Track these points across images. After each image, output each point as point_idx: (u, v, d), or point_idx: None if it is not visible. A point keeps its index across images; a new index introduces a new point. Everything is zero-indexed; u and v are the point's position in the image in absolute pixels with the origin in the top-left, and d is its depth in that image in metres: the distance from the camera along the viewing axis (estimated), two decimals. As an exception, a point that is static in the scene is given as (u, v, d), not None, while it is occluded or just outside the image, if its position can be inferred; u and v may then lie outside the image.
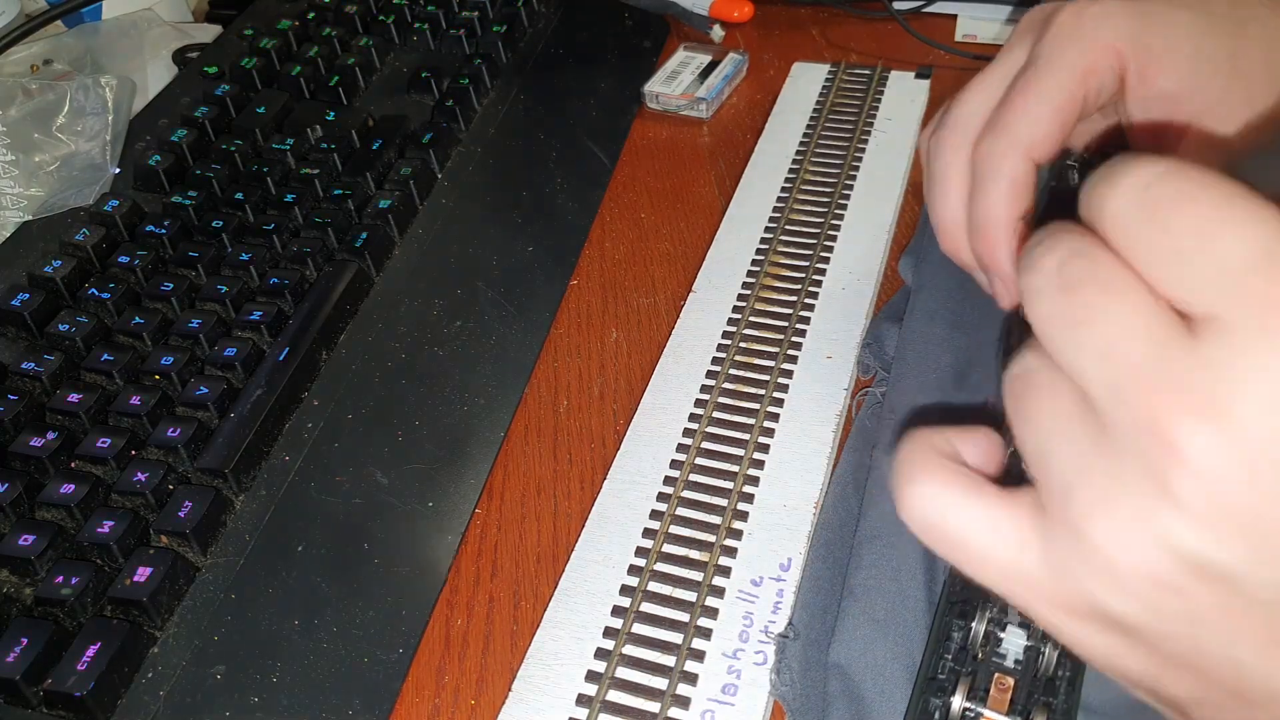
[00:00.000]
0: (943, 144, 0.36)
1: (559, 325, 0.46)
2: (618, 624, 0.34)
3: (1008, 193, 0.34)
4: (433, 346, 0.43)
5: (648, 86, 0.57)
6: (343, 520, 0.37)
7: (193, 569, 0.35)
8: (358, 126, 0.52)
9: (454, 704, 0.33)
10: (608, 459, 0.39)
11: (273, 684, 0.32)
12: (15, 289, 0.43)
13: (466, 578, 0.36)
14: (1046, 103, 0.34)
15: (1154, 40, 0.34)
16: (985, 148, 0.35)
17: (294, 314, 0.42)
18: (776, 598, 0.34)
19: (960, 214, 0.36)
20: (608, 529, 0.37)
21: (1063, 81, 0.34)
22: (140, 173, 0.50)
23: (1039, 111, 0.34)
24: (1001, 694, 0.28)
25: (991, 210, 0.34)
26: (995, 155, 0.34)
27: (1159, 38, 0.34)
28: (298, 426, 0.40)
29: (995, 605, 0.30)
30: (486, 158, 0.53)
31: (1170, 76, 0.34)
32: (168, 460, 0.37)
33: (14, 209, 0.48)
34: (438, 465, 0.39)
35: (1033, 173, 0.34)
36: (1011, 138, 0.34)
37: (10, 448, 0.37)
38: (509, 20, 0.60)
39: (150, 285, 0.43)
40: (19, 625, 0.32)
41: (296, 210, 0.47)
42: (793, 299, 0.44)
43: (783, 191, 0.50)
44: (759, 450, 0.38)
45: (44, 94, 0.51)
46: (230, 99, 0.54)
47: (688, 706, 0.32)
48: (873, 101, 0.55)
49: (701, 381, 0.41)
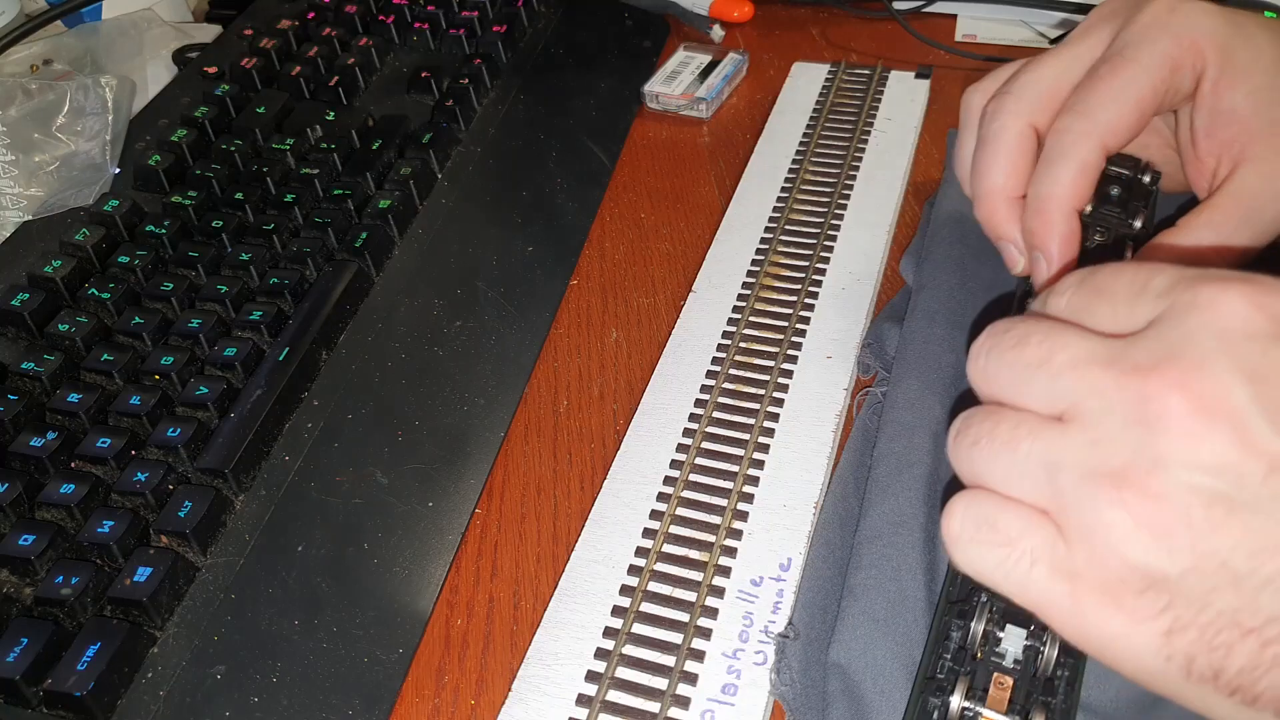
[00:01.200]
0: (1003, 109, 0.36)
1: (559, 325, 0.46)
2: (618, 624, 0.34)
3: (1077, 176, 0.34)
4: (433, 346, 0.43)
5: (648, 86, 0.58)
6: (343, 520, 0.37)
7: (193, 569, 0.35)
8: (358, 126, 0.52)
9: (454, 704, 0.33)
10: (608, 459, 0.39)
11: (273, 684, 0.32)
12: (15, 289, 0.43)
13: (466, 578, 0.36)
14: (1131, 93, 0.34)
15: (1240, 52, 0.34)
16: (1063, 125, 0.35)
17: (294, 314, 0.42)
18: (776, 598, 0.34)
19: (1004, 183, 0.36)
20: (608, 529, 0.37)
21: (1150, 72, 0.34)
22: (140, 173, 0.50)
23: (1123, 100, 0.34)
24: (1000, 693, 0.28)
25: (1056, 190, 0.34)
26: (1073, 135, 0.34)
27: (1245, 50, 0.34)
28: (298, 426, 0.40)
29: (994, 605, 0.30)
30: (486, 158, 0.53)
31: (1242, 91, 0.34)
32: (168, 460, 0.37)
33: (14, 209, 0.48)
34: (438, 465, 0.39)
35: (1103, 161, 0.35)
36: (1091, 122, 0.34)
37: (10, 448, 0.37)
38: (509, 20, 0.60)
39: (150, 285, 0.43)
40: (19, 625, 0.32)
41: (296, 210, 0.47)
42: (793, 299, 0.44)
43: (783, 191, 0.50)
44: (759, 450, 0.38)
45: (44, 94, 0.51)
46: (230, 99, 0.54)
47: (688, 706, 0.32)
48: (873, 101, 0.55)
49: (701, 381, 0.41)
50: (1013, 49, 0.60)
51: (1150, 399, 0.21)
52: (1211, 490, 0.20)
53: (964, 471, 0.24)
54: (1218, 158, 0.36)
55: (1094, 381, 0.22)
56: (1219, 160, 0.36)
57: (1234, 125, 0.35)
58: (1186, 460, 0.21)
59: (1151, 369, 0.21)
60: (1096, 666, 0.31)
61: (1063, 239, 0.35)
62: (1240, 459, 0.20)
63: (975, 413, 0.25)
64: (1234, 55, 0.34)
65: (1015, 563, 0.23)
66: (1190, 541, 0.21)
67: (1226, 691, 0.21)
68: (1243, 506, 0.20)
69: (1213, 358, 0.21)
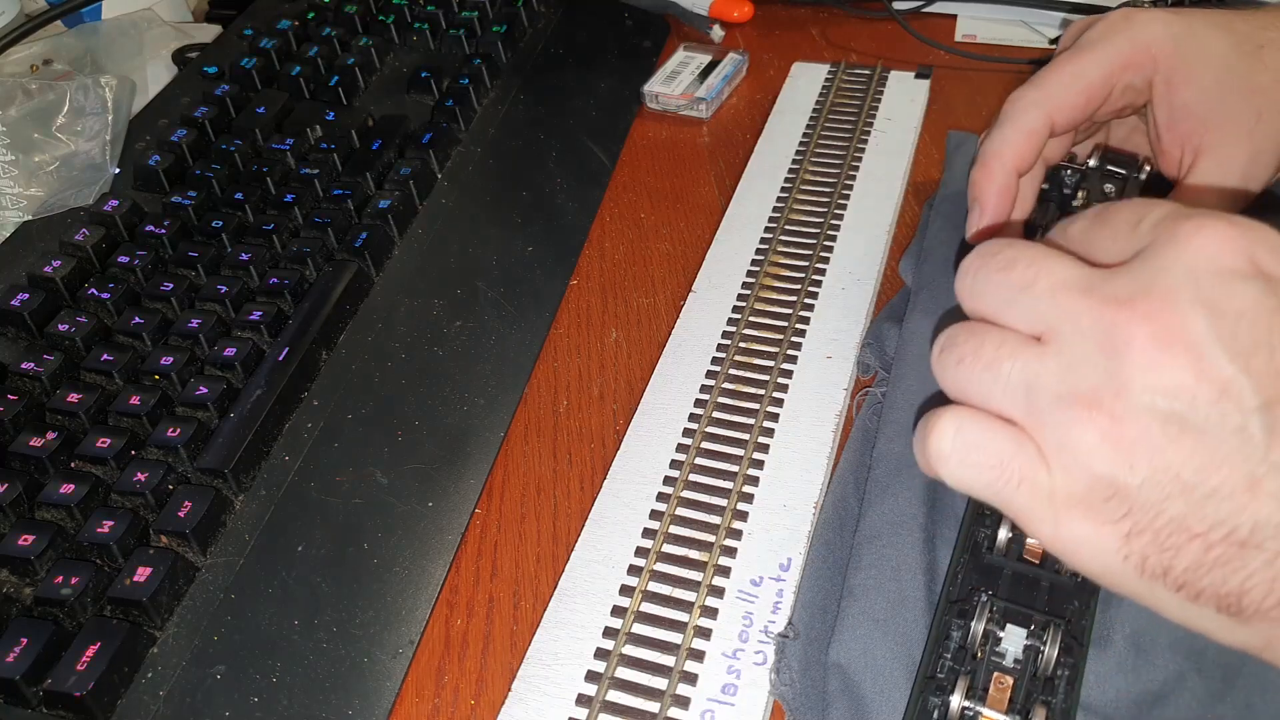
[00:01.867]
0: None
1: (559, 325, 0.46)
2: (618, 624, 0.34)
3: (1020, 138, 0.38)
4: (433, 346, 0.43)
5: (648, 86, 0.58)
6: (343, 520, 0.37)
7: (193, 569, 0.35)
8: (358, 126, 0.52)
9: (454, 704, 0.33)
10: (608, 459, 0.39)
11: (273, 684, 0.32)
12: (15, 289, 0.43)
13: (466, 578, 0.36)
14: (1082, 78, 0.38)
15: (1189, 53, 0.38)
16: (1016, 95, 0.39)
17: (294, 314, 0.42)
18: (776, 598, 0.34)
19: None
20: (608, 529, 0.37)
21: (1100, 64, 0.39)
22: (140, 173, 0.50)
23: (1073, 82, 0.38)
24: (1000, 693, 0.28)
25: (1000, 147, 0.39)
26: (1023, 103, 0.39)
27: (1194, 52, 0.38)
28: (298, 426, 0.40)
29: (995, 605, 0.30)
30: (486, 158, 0.53)
31: (1193, 90, 0.38)
32: (168, 460, 0.37)
33: (14, 209, 0.48)
34: (438, 465, 0.39)
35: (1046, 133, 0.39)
36: (1043, 94, 0.39)
37: (10, 448, 0.37)
38: (509, 20, 0.60)
39: (150, 285, 0.43)
40: (19, 625, 0.32)
41: (296, 210, 0.47)
42: (793, 299, 0.44)
43: (782, 191, 0.50)
44: (759, 450, 0.38)
45: (44, 94, 0.51)
46: (230, 99, 0.54)
47: (688, 706, 0.32)
48: (872, 101, 0.55)
49: (701, 381, 0.41)
50: (1013, 49, 0.60)
51: (1119, 328, 0.23)
52: (1168, 411, 0.23)
53: (947, 386, 0.26)
54: (1180, 148, 0.39)
55: (1070, 307, 0.24)
56: (1182, 150, 0.39)
57: (1189, 120, 0.39)
58: (1147, 385, 0.23)
59: (1125, 300, 0.23)
60: (1097, 666, 0.31)
61: (998, 192, 0.39)
62: (1195, 385, 0.22)
63: (960, 329, 0.26)
64: (1185, 56, 0.38)
65: (1004, 483, 0.25)
66: (1148, 456, 0.23)
67: (1174, 588, 0.24)
68: (1194, 427, 0.22)
69: (1179, 291, 0.23)
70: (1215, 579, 0.23)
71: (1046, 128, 0.38)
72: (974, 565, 0.31)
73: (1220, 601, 0.23)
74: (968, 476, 0.25)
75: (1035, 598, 0.30)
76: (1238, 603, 0.23)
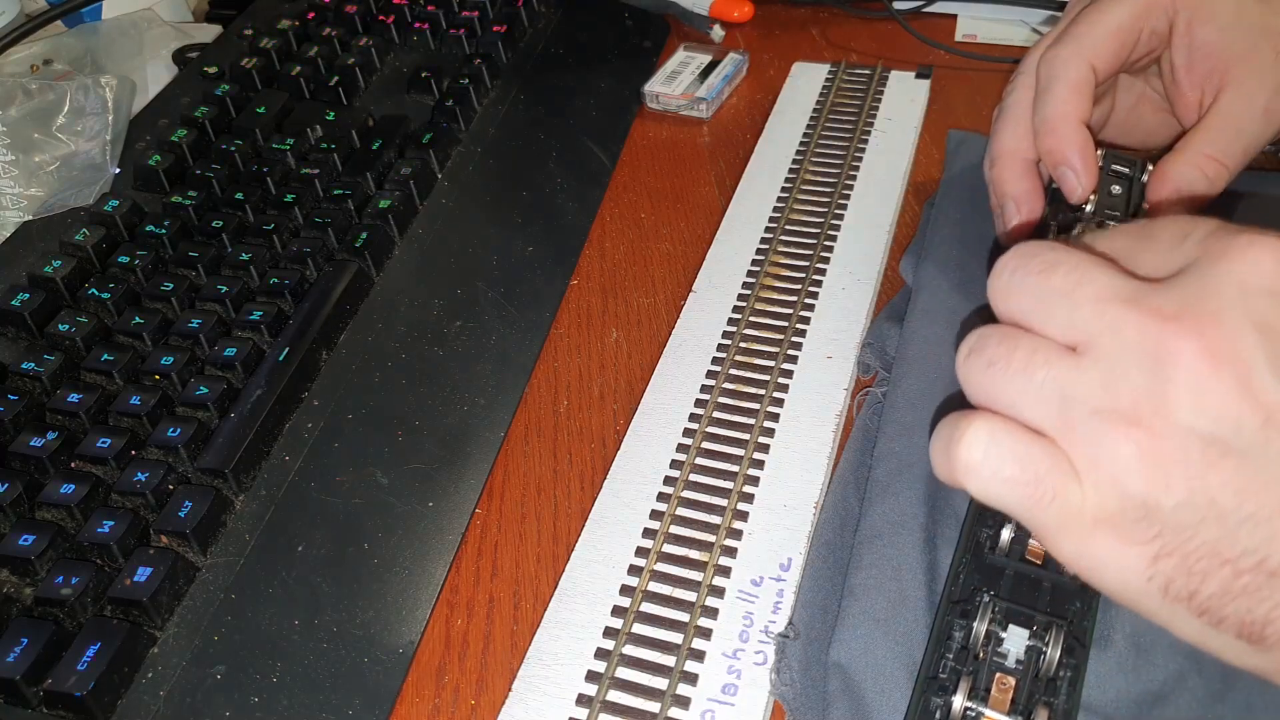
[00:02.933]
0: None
1: (559, 325, 0.45)
2: (618, 624, 0.34)
3: (1072, 93, 0.38)
4: (433, 346, 0.43)
5: (648, 86, 0.57)
6: (343, 520, 0.37)
7: (193, 569, 0.35)
8: (358, 126, 0.52)
9: (454, 704, 0.33)
10: (608, 459, 0.39)
11: (273, 684, 0.32)
12: (15, 289, 0.43)
13: (466, 578, 0.36)
14: (1113, 22, 0.39)
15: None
16: (1052, 53, 0.39)
17: (294, 314, 0.42)
18: (776, 598, 0.34)
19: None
20: (608, 529, 0.37)
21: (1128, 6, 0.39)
22: (140, 173, 0.50)
23: (1105, 26, 0.38)
24: (1003, 694, 0.28)
25: (1059, 107, 0.38)
26: (1061, 59, 0.38)
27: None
28: (298, 426, 0.40)
29: (997, 605, 0.30)
30: (486, 158, 0.53)
31: (1213, 27, 0.39)
32: (168, 460, 0.37)
33: (14, 209, 0.48)
34: (438, 465, 0.39)
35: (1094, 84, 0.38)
36: (1076, 45, 0.38)
37: (10, 448, 0.37)
38: (509, 20, 0.60)
39: (150, 285, 0.43)
40: (19, 625, 0.32)
41: (296, 210, 0.47)
42: (793, 299, 0.44)
43: (783, 191, 0.50)
44: (759, 450, 0.38)
45: (44, 94, 0.51)
46: (230, 99, 0.54)
47: (688, 706, 0.31)
48: (873, 101, 0.55)
49: (701, 381, 0.41)
50: (1013, 49, 0.60)
51: (1164, 343, 0.22)
52: (1210, 434, 0.22)
53: (974, 392, 0.25)
54: (1200, 89, 0.40)
55: (1114, 319, 0.23)
56: (1202, 91, 0.40)
57: (1210, 58, 0.39)
58: (1191, 405, 0.22)
59: (1171, 315, 0.23)
60: (1097, 666, 0.31)
61: (1080, 147, 0.38)
62: (1240, 408, 0.22)
63: (990, 333, 0.25)
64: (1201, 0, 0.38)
65: (1037, 500, 0.24)
66: (1186, 478, 0.22)
67: (1196, 612, 0.23)
68: (1236, 451, 0.22)
69: (1229, 309, 0.22)
70: (1241, 606, 0.22)
71: (1092, 78, 0.38)
72: (976, 565, 0.31)
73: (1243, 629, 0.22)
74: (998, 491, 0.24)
75: (1037, 598, 0.30)
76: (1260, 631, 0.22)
